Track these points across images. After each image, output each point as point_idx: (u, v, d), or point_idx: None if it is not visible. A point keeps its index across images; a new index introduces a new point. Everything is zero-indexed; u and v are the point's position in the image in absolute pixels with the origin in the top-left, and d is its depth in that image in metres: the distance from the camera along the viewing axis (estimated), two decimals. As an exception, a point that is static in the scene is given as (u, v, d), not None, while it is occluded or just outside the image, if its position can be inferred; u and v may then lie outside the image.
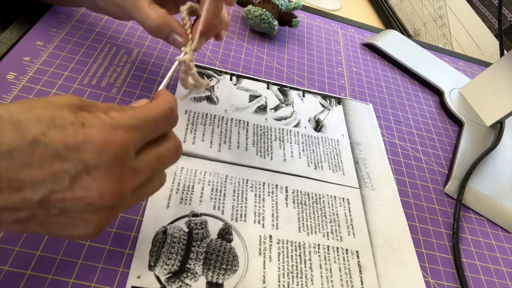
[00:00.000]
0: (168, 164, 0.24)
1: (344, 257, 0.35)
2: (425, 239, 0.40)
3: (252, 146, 0.41)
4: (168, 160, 0.24)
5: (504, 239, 0.43)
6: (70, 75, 0.40)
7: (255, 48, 0.54)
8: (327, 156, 0.43)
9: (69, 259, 0.28)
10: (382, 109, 0.53)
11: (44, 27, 0.44)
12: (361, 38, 0.67)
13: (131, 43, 0.47)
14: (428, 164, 0.48)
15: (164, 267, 0.29)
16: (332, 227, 0.37)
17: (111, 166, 0.19)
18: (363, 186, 0.42)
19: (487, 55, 0.91)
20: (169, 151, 0.24)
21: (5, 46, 0.40)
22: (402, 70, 0.63)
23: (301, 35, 0.61)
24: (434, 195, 0.45)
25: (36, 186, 0.18)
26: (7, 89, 0.36)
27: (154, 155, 0.22)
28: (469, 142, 0.52)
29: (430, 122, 0.55)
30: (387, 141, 0.49)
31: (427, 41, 0.92)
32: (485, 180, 0.47)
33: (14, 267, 0.27)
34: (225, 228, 0.33)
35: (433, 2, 1.06)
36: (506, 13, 0.56)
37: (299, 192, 0.39)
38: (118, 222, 0.31)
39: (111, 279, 0.28)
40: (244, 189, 0.37)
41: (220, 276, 0.30)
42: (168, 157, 0.24)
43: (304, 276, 0.33)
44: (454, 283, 0.37)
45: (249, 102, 0.46)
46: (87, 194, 0.19)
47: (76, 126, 0.19)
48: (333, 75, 0.56)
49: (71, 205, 0.19)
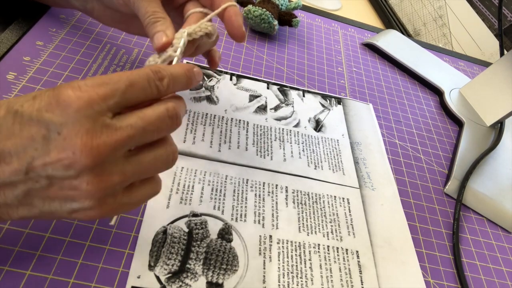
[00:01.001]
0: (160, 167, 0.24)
1: (344, 257, 0.35)
2: (425, 239, 0.40)
3: (252, 146, 0.41)
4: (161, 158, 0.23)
5: (504, 239, 0.43)
6: (70, 75, 0.40)
7: (255, 48, 0.54)
8: (327, 156, 0.43)
9: (69, 259, 0.28)
10: (382, 109, 0.53)
11: (44, 27, 0.44)
12: (361, 38, 0.67)
13: (131, 43, 0.47)
14: (428, 164, 0.48)
15: (164, 267, 0.29)
16: (332, 227, 0.37)
17: (77, 121, 0.19)
18: (363, 186, 0.42)
19: (487, 55, 0.91)
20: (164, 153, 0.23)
21: (5, 46, 0.40)
22: (402, 70, 0.63)
23: (301, 35, 0.61)
24: (434, 195, 0.45)
25: (20, 154, 0.20)
26: (7, 89, 0.36)
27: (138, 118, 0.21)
28: (469, 142, 0.52)
29: (430, 122, 0.55)
30: (387, 141, 0.49)
31: (427, 41, 0.92)
32: (485, 180, 0.47)
33: (14, 267, 0.27)
34: (225, 228, 0.33)
35: (433, 2, 1.06)
36: (506, 13, 0.56)
37: (299, 192, 0.39)
38: (118, 222, 0.31)
39: (111, 279, 0.28)
40: (244, 189, 0.37)
41: (220, 276, 0.30)
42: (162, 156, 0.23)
43: (304, 276, 0.33)
44: (454, 283, 0.37)
45: (249, 102, 0.46)
46: (61, 155, 0.19)
47: (48, 93, 0.20)
48: (333, 75, 0.56)
49: (52, 170, 0.20)
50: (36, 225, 0.29)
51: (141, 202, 0.24)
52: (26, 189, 0.20)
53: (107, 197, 0.22)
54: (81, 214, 0.22)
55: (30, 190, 0.20)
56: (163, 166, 0.24)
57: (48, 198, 0.21)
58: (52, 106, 0.20)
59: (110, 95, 0.20)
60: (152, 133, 0.22)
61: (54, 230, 0.29)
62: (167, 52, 0.28)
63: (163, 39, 0.28)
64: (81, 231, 0.30)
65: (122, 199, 0.23)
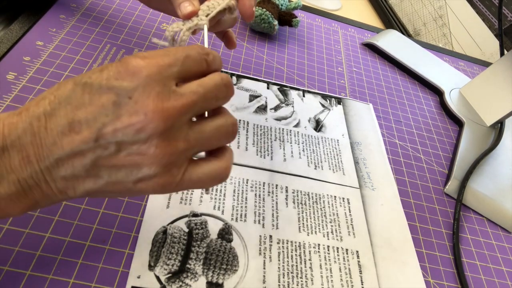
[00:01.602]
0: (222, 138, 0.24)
1: (344, 257, 0.35)
2: (425, 239, 0.40)
3: (252, 146, 0.41)
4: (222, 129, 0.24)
5: (504, 239, 0.43)
6: (70, 75, 0.40)
7: (255, 48, 0.54)
8: (327, 156, 0.43)
9: (69, 259, 0.28)
10: (382, 109, 0.53)
11: (44, 27, 0.44)
12: (361, 38, 0.67)
13: (131, 43, 0.47)
14: (428, 164, 0.48)
15: (164, 267, 0.29)
16: (332, 227, 0.37)
17: (148, 85, 0.20)
18: (363, 186, 0.42)
19: (487, 55, 0.91)
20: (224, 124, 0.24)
21: (5, 46, 0.40)
22: (402, 70, 0.63)
23: (301, 35, 0.61)
24: (434, 195, 0.45)
25: (90, 123, 0.20)
26: (7, 89, 0.36)
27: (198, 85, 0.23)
28: (469, 142, 0.52)
29: (430, 122, 0.55)
30: (387, 141, 0.49)
31: (427, 41, 0.92)
32: (485, 180, 0.47)
33: (14, 267, 0.27)
34: (225, 228, 0.33)
35: (433, 2, 1.06)
36: (506, 13, 0.56)
37: (299, 192, 0.39)
38: (118, 222, 0.31)
39: (111, 279, 0.28)
40: (244, 189, 0.37)
41: (220, 276, 0.30)
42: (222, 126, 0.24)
43: (304, 276, 0.33)
44: (454, 283, 0.37)
45: (249, 102, 0.46)
46: (133, 119, 0.20)
47: (116, 64, 0.21)
48: (333, 75, 0.56)
49: (122, 135, 0.20)
50: (36, 225, 0.29)
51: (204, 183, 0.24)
52: (94, 157, 0.21)
53: (172, 166, 0.22)
54: (146, 183, 0.22)
55: (98, 159, 0.21)
56: (224, 137, 0.24)
57: (115, 166, 0.21)
58: (122, 74, 0.20)
59: (173, 63, 0.22)
60: (211, 100, 0.23)
61: (54, 230, 0.29)
62: (193, 21, 0.29)
63: (190, 8, 0.30)
64: (81, 231, 0.30)
65: (187, 171, 0.23)
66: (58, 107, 0.20)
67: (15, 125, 0.20)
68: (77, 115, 0.20)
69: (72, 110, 0.20)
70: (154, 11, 0.52)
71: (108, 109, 0.20)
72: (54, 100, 0.20)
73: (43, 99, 0.21)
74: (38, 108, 0.20)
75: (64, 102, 0.20)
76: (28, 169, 0.20)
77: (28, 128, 0.20)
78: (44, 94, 0.21)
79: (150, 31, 0.49)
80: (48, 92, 0.21)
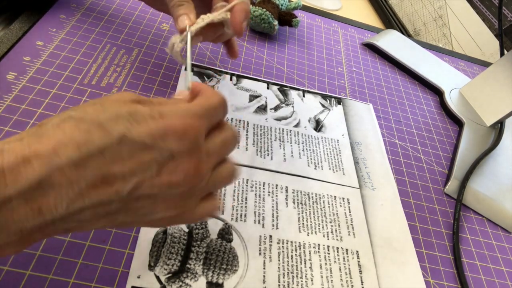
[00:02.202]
0: (230, 148, 0.25)
1: (344, 257, 0.35)
2: (425, 239, 0.40)
3: (252, 146, 0.41)
4: (231, 145, 0.25)
5: (504, 239, 0.43)
6: (70, 75, 0.40)
7: (255, 48, 0.54)
8: (327, 156, 0.43)
9: (69, 259, 0.28)
10: (382, 109, 0.53)
11: (44, 27, 0.44)
12: (361, 38, 0.67)
13: (131, 43, 0.47)
14: (428, 164, 0.48)
15: (164, 267, 0.29)
16: (332, 227, 0.37)
17: (192, 149, 0.21)
18: (363, 186, 0.42)
19: (487, 55, 0.91)
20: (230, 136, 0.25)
21: (5, 46, 0.40)
22: (402, 70, 0.63)
23: (301, 35, 0.61)
24: (434, 195, 0.45)
25: (127, 177, 0.19)
26: (7, 89, 0.36)
27: (219, 139, 0.24)
28: (469, 142, 0.52)
29: (430, 122, 0.55)
30: (387, 141, 0.49)
31: (427, 41, 0.92)
32: (485, 180, 0.47)
33: (14, 267, 0.27)
34: (225, 228, 0.33)
35: (433, 2, 1.06)
36: (506, 13, 0.56)
37: (299, 192, 0.39)
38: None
39: (111, 279, 0.28)
40: (244, 189, 0.37)
41: (220, 276, 0.30)
42: (230, 141, 0.25)
43: (304, 276, 0.33)
44: (454, 283, 0.37)
45: (249, 102, 0.46)
46: (173, 178, 0.21)
47: (156, 118, 0.20)
48: (333, 75, 0.56)
49: (158, 190, 0.21)
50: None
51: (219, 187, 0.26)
52: (121, 205, 0.20)
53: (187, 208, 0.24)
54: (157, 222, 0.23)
55: (125, 206, 0.20)
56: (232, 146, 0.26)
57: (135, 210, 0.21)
58: (168, 135, 0.20)
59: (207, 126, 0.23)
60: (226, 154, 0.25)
61: (54, 230, 0.29)
62: (184, 33, 0.32)
63: (186, 22, 0.32)
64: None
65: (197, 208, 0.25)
66: (89, 158, 0.18)
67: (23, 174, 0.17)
68: (113, 168, 0.19)
69: (106, 164, 0.19)
70: (154, 11, 0.52)
71: (148, 166, 0.20)
72: (81, 149, 0.18)
73: (65, 147, 0.18)
74: (59, 157, 0.18)
75: (97, 153, 0.18)
76: (37, 220, 0.18)
77: (45, 180, 0.17)
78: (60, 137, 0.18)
79: (150, 31, 0.49)
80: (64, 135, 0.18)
